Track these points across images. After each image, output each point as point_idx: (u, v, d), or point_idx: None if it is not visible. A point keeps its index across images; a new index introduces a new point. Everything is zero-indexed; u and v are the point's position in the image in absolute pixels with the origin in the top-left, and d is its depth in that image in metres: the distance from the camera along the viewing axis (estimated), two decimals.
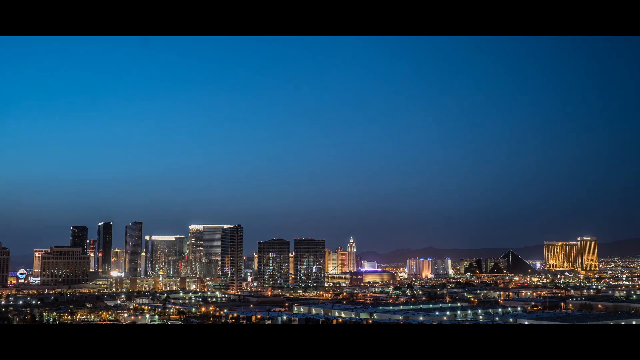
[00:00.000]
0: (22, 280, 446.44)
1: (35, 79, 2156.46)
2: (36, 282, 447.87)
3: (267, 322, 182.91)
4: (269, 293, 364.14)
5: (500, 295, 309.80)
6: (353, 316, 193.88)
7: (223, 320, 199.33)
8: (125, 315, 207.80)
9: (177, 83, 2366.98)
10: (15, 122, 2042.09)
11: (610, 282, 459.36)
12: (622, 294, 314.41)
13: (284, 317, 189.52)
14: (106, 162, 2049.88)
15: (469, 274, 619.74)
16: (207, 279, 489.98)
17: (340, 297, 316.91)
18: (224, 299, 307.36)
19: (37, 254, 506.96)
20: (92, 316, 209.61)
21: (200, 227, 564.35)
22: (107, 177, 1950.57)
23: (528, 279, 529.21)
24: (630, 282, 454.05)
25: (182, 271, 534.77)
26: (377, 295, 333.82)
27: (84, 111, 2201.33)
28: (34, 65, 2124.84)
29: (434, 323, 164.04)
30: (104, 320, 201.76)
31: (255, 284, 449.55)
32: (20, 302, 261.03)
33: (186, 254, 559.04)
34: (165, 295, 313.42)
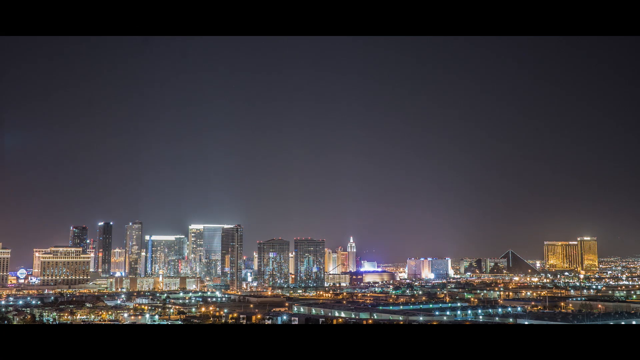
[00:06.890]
0: (22, 280, 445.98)
1: (35, 79, 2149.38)
2: (36, 282, 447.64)
3: (267, 322, 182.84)
4: (269, 293, 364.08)
5: (500, 295, 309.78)
6: (353, 316, 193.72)
7: (223, 320, 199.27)
8: (125, 315, 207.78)
9: (177, 84, 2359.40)
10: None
11: (610, 282, 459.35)
12: (622, 294, 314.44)
13: (284, 317, 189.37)
14: (106, 162, 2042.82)
15: (469, 274, 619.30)
16: (207, 279, 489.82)
17: (340, 297, 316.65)
18: (223, 299, 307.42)
19: (37, 254, 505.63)
20: (92, 316, 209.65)
21: (200, 227, 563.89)
22: (107, 176, 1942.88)
23: (528, 279, 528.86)
24: (630, 282, 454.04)
25: (182, 271, 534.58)
26: (377, 295, 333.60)
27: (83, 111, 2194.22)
28: (33, 65, 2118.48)
29: (434, 323, 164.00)
30: (104, 320, 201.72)
31: (255, 284, 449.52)
32: (20, 302, 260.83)
33: (186, 254, 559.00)
34: (165, 295, 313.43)
